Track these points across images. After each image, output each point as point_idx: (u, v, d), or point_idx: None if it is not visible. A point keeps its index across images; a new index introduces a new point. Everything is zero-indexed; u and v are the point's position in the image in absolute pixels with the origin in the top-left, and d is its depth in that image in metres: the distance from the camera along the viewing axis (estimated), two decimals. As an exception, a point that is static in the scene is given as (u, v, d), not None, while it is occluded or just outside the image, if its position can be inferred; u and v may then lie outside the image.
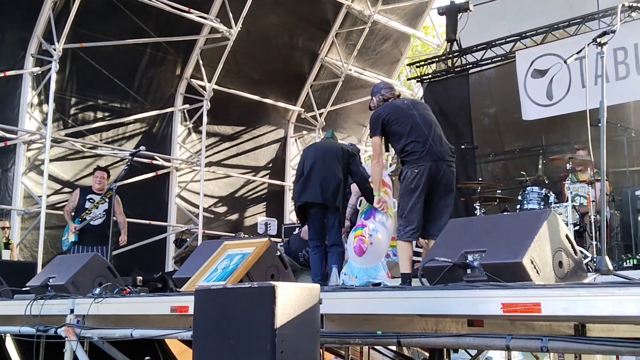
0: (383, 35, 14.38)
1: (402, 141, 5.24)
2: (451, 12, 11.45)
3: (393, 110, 5.37)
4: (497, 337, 3.06)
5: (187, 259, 5.94)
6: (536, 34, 10.34)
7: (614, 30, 4.08)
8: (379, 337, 3.49)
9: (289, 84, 13.69)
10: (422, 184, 5.09)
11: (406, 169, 5.19)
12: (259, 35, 12.59)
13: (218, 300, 3.16)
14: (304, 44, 13.44)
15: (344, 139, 14.91)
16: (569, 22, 9.98)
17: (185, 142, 12.17)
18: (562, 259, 3.45)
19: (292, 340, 2.90)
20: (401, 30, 14.53)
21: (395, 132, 5.29)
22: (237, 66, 12.59)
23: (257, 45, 12.68)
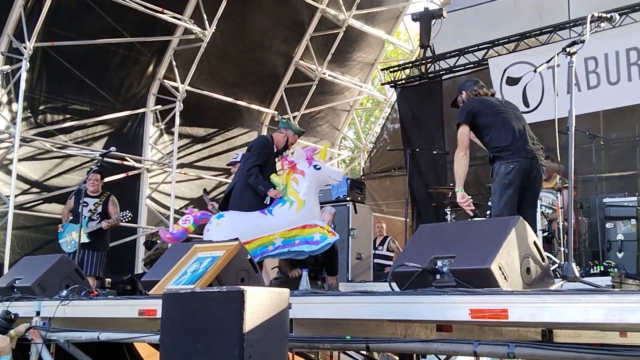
0: (357, 40, 14.43)
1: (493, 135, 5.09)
2: (425, 19, 11.55)
3: (484, 104, 5.23)
4: (464, 342, 3.08)
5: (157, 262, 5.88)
6: (508, 41, 10.47)
7: (583, 40, 4.14)
8: (347, 342, 3.50)
9: (262, 87, 13.66)
10: (517, 180, 4.95)
11: (499, 165, 5.04)
12: (233, 37, 12.55)
13: (186, 304, 3.14)
14: (278, 47, 13.43)
15: (317, 143, 14.93)
16: (540, 30, 10.12)
17: (157, 143, 12.08)
18: (530, 266, 3.49)
19: (260, 345, 2.89)
20: (375, 35, 14.59)
21: (485, 125, 5.14)
22: (211, 68, 12.53)
23: (231, 47, 12.63)
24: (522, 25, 10.55)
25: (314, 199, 5.49)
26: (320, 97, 14.52)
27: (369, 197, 12.36)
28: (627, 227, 7.13)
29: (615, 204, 7.38)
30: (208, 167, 12.90)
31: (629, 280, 6.64)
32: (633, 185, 9.41)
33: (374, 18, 14.41)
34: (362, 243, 8.92)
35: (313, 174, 5.47)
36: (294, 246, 5.38)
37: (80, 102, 10.95)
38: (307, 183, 5.46)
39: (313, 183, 5.49)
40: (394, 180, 13.56)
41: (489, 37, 10.77)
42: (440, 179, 10.95)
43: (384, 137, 14.76)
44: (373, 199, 13.43)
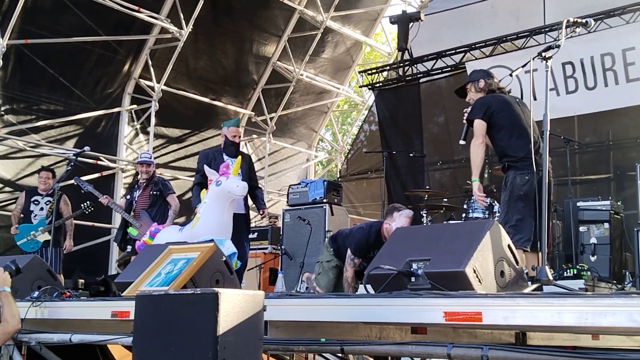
0: (335, 42, 14.44)
1: (510, 142, 5.00)
2: (403, 21, 11.60)
3: (502, 104, 5.11)
4: (438, 345, 3.08)
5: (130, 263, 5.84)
6: (485, 45, 10.54)
7: (559, 45, 4.17)
8: (322, 345, 3.49)
9: (239, 87, 13.61)
10: (532, 191, 4.82)
11: (514, 175, 4.95)
12: (210, 37, 12.50)
13: (160, 306, 3.10)
14: (256, 47, 13.39)
15: (294, 144, 14.94)
16: (516, 35, 10.21)
17: (132, 143, 11.98)
18: (504, 269, 3.51)
19: (234, 348, 2.87)
20: (353, 37, 14.62)
21: (502, 127, 5.04)
22: (187, 67, 12.47)
23: (208, 47, 12.58)
24: (499, 29, 10.64)
25: (214, 215, 5.50)
26: (298, 98, 14.52)
27: (345, 199, 12.37)
28: (600, 230, 7.21)
29: (589, 208, 7.45)
30: (184, 168, 12.82)
31: (602, 283, 6.72)
32: (606, 189, 9.54)
33: (352, 20, 14.44)
34: (338, 245, 8.91)
35: (213, 190, 5.52)
36: None
37: (54, 101, 10.83)
38: (207, 200, 5.51)
39: (213, 199, 5.52)
40: (370, 182, 13.60)
41: (466, 41, 10.85)
42: (418, 181, 11.00)
43: (361, 139, 14.79)
44: (350, 200, 13.45)
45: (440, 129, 12.41)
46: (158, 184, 7.92)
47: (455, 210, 8.65)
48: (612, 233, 7.28)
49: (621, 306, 2.62)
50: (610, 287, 6.81)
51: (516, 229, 4.78)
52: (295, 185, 9.61)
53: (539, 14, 10.28)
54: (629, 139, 9.92)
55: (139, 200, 7.78)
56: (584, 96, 9.21)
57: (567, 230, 7.60)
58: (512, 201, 4.87)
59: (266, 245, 9.73)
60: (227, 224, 5.50)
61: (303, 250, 8.39)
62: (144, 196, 7.78)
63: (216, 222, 5.47)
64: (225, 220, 5.47)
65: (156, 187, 7.86)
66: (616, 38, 9.02)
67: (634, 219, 6.72)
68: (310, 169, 15.64)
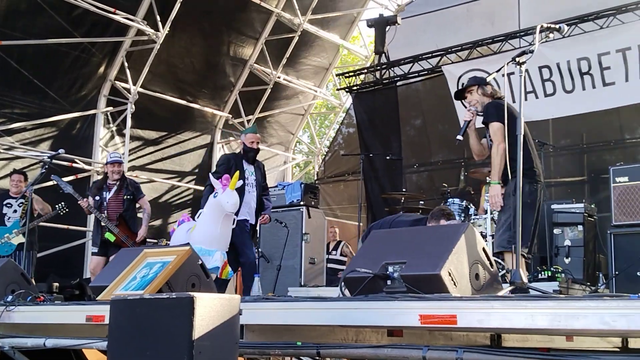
0: (312, 45, 14.45)
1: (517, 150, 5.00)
2: (380, 25, 11.64)
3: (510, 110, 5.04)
4: (414, 348, 3.10)
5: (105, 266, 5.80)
6: (461, 49, 10.62)
7: (532, 51, 4.22)
8: (298, 348, 3.49)
9: (216, 90, 13.56)
10: (536, 200, 4.98)
11: (523, 183, 4.75)
12: (187, 40, 12.44)
13: (134, 310, 3.09)
14: (233, 50, 13.35)
15: (271, 147, 14.91)
16: (492, 39, 10.30)
17: (108, 145, 11.88)
18: (479, 272, 3.55)
19: (210, 352, 2.86)
20: (330, 40, 14.64)
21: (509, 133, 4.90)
22: (164, 70, 12.40)
23: (185, 49, 12.52)
24: (475, 33, 10.72)
25: (209, 225, 5.59)
26: (275, 101, 14.50)
27: (323, 202, 12.39)
28: (574, 233, 7.28)
29: (563, 210, 7.54)
30: (160, 170, 12.75)
31: (576, 285, 6.79)
32: (580, 192, 9.65)
33: (329, 23, 14.46)
34: (315, 248, 8.92)
35: (211, 201, 5.68)
36: None
37: (28, 103, 10.70)
38: (205, 209, 5.58)
39: (209, 209, 5.66)
40: (348, 185, 13.63)
41: (443, 44, 10.92)
42: (396, 183, 11.05)
43: (339, 142, 14.83)
44: (327, 203, 13.47)
45: (417, 131, 12.49)
46: (130, 188, 7.85)
47: (431, 213, 8.68)
48: (585, 235, 7.37)
49: (593, 309, 2.66)
50: (584, 289, 6.89)
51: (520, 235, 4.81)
52: (272, 188, 9.57)
53: (514, 18, 10.38)
54: (603, 142, 10.05)
55: (110, 204, 7.69)
56: (562, 99, 9.32)
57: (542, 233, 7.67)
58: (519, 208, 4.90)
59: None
60: (220, 235, 5.57)
61: (280, 253, 8.38)
62: (117, 200, 7.69)
63: (209, 233, 5.55)
64: (218, 232, 5.55)
65: (129, 190, 7.78)
66: (591, 43, 9.14)
67: (608, 222, 6.80)
68: (287, 171, 15.63)
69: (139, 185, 8.21)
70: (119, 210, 7.62)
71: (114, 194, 7.68)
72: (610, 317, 2.60)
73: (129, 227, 7.71)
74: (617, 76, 8.88)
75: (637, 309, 2.57)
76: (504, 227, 4.89)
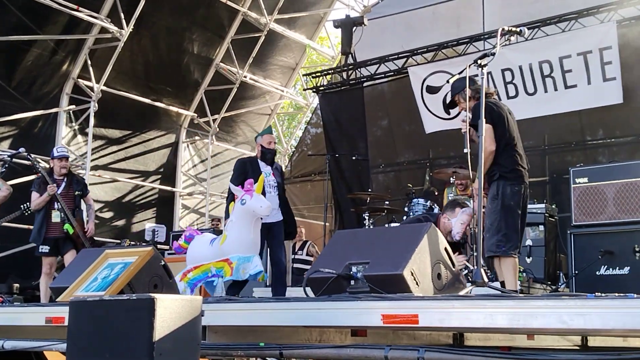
0: (279, 44, 14.42)
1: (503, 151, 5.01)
2: (346, 26, 11.65)
3: (500, 108, 5.11)
4: (376, 348, 3.12)
5: (66, 267, 5.72)
6: (427, 51, 10.70)
7: (494, 53, 4.27)
8: (261, 349, 3.48)
9: (182, 88, 13.45)
10: (520, 202, 4.97)
11: (504, 185, 4.96)
12: (151, 38, 12.32)
13: (94, 312, 3.05)
14: (199, 48, 13.26)
15: (238, 146, 14.86)
16: (457, 41, 10.39)
17: (70, 144, 11.70)
18: (441, 271, 3.58)
19: (171, 354, 2.84)
20: (297, 40, 14.63)
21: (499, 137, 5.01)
22: (128, 68, 12.26)
23: (149, 47, 12.40)
24: (440, 35, 10.81)
25: (240, 232, 5.54)
26: (241, 100, 14.43)
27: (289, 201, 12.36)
28: (535, 233, 7.38)
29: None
30: (124, 170, 12.60)
31: (537, 284, 6.88)
32: (542, 193, 9.78)
33: (296, 23, 14.45)
34: (281, 248, 8.89)
35: (239, 208, 5.58)
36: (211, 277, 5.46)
37: (-13, 101, 10.51)
38: (233, 217, 5.56)
39: (238, 217, 5.58)
40: (315, 185, 13.64)
41: (408, 46, 10.99)
42: (364, 183, 11.08)
43: (306, 142, 14.83)
44: (294, 203, 13.44)
45: (383, 132, 12.55)
46: (79, 184, 7.72)
47: (397, 213, 8.76)
48: (547, 235, 7.47)
49: (551, 308, 2.70)
50: (544, 288, 6.99)
51: (507, 238, 4.88)
52: (237, 188, 9.52)
53: (478, 21, 10.48)
54: (565, 143, 10.21)
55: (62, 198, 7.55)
56: (524, 101, 9.43)
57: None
58: (503, 211, 4.94)
59: (208, 248, 9.62)
60: (253, 241, 5.52)
61: (245, 253, 8.32)
62: (68, 196, 7.54)
63: (243, 240, 5.46)
64: (251, 237, 5.49)
65: (78, 187, 7.65)
66: (553, 46, 9.27)
67: (568, 222, 6.90)
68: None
69: (85, 181, 8.09)
70: (71, 206, 7.49)
71: (63, 189, 7.51)
72: (567, 316, 2.64)
73: (83, 223, 7.61)
74: (579, 79, 9.03)
75: (593, 308, 2.62)
76: (491, 232, 4.91)
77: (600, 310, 2.60)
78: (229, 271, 5.16)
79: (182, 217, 13.73)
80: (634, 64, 8.98)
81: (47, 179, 7.40)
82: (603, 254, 6.29)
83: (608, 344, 3.86)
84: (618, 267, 6.25)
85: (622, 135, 9.96)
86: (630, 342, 3.76)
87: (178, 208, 13.59)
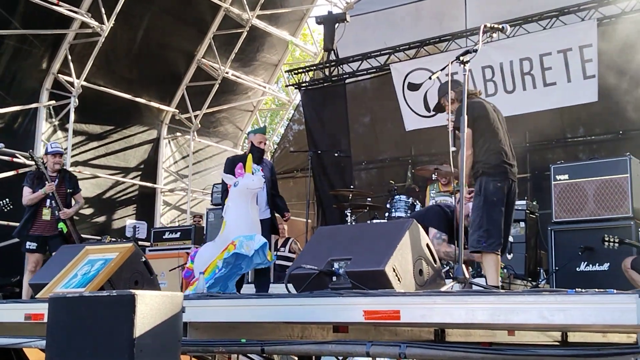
0: (261, 40, 14.37)
1: (485, 147, 5.07)
2: (329, 22, 11.65)
3: (483, 109, 5.16)
4: (358, 344, 3.11)
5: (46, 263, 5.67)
6: (409, 48, 10.71)
7: (476, 50, 4.28)
8: (243, 346, 3.47)
9: (163, 84, 13.36)
10: (503, 198, 5.01)
11: (486, 181, 5.01)
12: (133, 33, 12.21)
13: (74, 308, 3.03)
14: (180, 44, 13.18)
15: (219, 142, 14.80)
16: (439, 38, 10.42)
17: (50, 140, 11.55)
18: (423, 267, 3.59)
19: (151, 350, 2.83)
20: (279, 36, 14.59)
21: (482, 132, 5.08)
22: (109, 63, 12.15)
23: (131, 42, 12.30)
24: (422, 32, 10.83)
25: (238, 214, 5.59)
26: (223, 96, 14.37)
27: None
28: (516, 229, 7.41)
29: (506, 207, 7.66)
30: (104, 166, 12.51)
31: (518, 280, 6.93)
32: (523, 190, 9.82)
33: (278, 19, 14.41)
34: (263, 244, 8.87)
35: (233, 191, 5.68)
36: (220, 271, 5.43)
37: (-35, 96, 10.39)
38: (229, 202, 5.59)
39: (234, 199, 5.66)
40: (297, 181, 13.62)
41: (391, 43, 11.00)
42: (346, 180, 11.08)
43: (288, 138, 14.80)
44: (275, 200, 13.43)
45: (365, 129, 12.55)
46: (71, 181, 7.65)
47: (379, 210, 8.77)
48: (527, 232, 7.52)
49: (532, 303, 2.72)
50: (525, 284, 7.04)
51: (488, 234, 4.91)
52: (219, 184, 9.50)
53: (461, 18, 10.51)
54: (545, 140, 10.27)
55: None
56: (503, 99, 9.44)
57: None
58: (485, 207, 4.97)
59: (189, 245, 9.59)
60: (253, 219, 5.63)
61: (227, 250, 8.30)
62: (60, 193, 7.47)
63: (243, 220, 5.57)
64: (251, 216, 5.61)
65: (70, 184, 7.59)
66: (534, 43, 9.32)
67: (549, 218, 6.94)
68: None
69: (77, 179, 8.02)
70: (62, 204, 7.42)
71: (55, 186, 7.45)
72: (548, 312, 2.66)
73: (73, 222, 7.54)
74: (559, 77, 9.08)
75: (573, 303, 2.63)
76: (473, 227, 4.95)
77: (580, 305, 2.62)
78: (232, 248, 5.16)
79: (164, 213, 13.65)
80: (614, 62, 9.06)
81: (46, 175, 7.32)
82: (583, 250, 6.34)
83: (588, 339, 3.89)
84: (598, 263, 6.31)
85: (602, 132, 10.05)
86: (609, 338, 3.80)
87: (159, 204, 13.51)
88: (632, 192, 6.31)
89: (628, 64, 8.97)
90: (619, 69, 9.02)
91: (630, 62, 8.96)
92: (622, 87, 9.04)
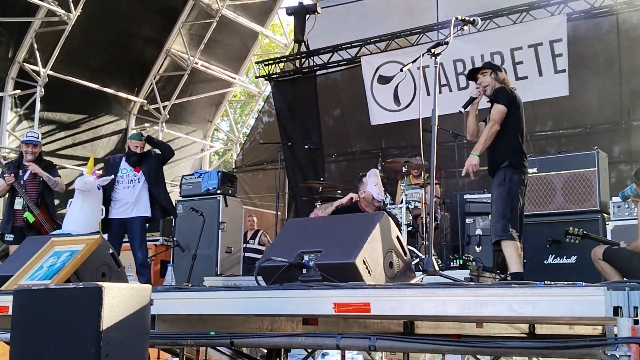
0: (231, 31, 14.26)
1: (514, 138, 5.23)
2: (299, 13, 11.58)
3: (520, 102, 5.35)
4: (328, 336, 3.11)
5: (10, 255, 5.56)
6: (380, 40, 10.72)
7: (447, 42, 4.28)
8: (211, 338, 3.44)
9: (131, 74, 13.20)
10: (524, 189, 5.20)
11: (512, 172, 5.15)
12: (100, 21, 12.02)
13: (39, 301, 2.96)
14: (149, 33, 13.02)
15: (189, 134, 14.68)
16: (410, 31, 10.44)
17: (15, 129, 11.39)
18: (393, 260, 3.58)
19: (119, 343, 2.78)
20: (249, 27, 14.49)
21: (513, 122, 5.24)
22: (76, 52, 11.95)
23: (99, 31, 12.10)
24: (393, 24, 10.83)
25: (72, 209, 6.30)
26: (193, 87, 14.25)
27: (241, 191, 12.28)
28: (485, 222, 7.46)
29: (475, 200, 7.72)
30: (72, 156, 12.33)
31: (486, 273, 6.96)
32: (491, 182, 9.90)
33: (248, 10, 14.31)
34: (232, 237, 8.82)
35: None
36: None
37: None
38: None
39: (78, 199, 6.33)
40: (267, 174, 13.57)
41: (362, 35, 10.99)
42: (319, 172, 11.05)
43: (259, 130, 14.73)
44: (245, 192, 13.37)
45: (336, 121, 12.55)
46: (48, 169, 7.51)
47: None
48: (496, 225, 7.56)
49: (501, 296, 2.73)
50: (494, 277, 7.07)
51: (511, 223, 5.05)
52: (188, 176, 9.40)
53: (432, 11, 10.54)
54: (514, 134, 10.34)
55: (27, 184, 7.33)
56: (474, 92, 9.51)
57: (455, 222, 7.84)
58: (509, 197, 5.11)
59: (157, 237, 9.48)
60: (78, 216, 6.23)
61: (196, 242, 8.24)
62: (34, 182, 7.32)
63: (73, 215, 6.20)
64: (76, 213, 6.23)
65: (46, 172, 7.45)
66: (505, 38, 9.39)
67: (517, 212, 7.00)
68: (205, 159, 15.42)
69: (56, 166, 7.85)
70: (35, 194, 7.27)
71: (30, 175, 7.30)
72: (517, 304, 2.68)
73: (49, 211, 7.38)
74: (530, 71, 9.15)
75: (542, 296, 2.65)
76: (496, 217, 5.08)
77: (549, 298, 2.64)
78: None
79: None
80: (582, 57, 9.16)
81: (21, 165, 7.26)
82: (551, 243, 6.42)
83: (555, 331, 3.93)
84: (565, 256, 6.39)
85: (570, 126, 10.17)
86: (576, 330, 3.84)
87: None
88: (599, 186, 6.40)
89: (596, 59, 9.08)
90: (587, 65, 9.12)
91: (598, 57, 9.07)
92: (590, 82, 9.16)
